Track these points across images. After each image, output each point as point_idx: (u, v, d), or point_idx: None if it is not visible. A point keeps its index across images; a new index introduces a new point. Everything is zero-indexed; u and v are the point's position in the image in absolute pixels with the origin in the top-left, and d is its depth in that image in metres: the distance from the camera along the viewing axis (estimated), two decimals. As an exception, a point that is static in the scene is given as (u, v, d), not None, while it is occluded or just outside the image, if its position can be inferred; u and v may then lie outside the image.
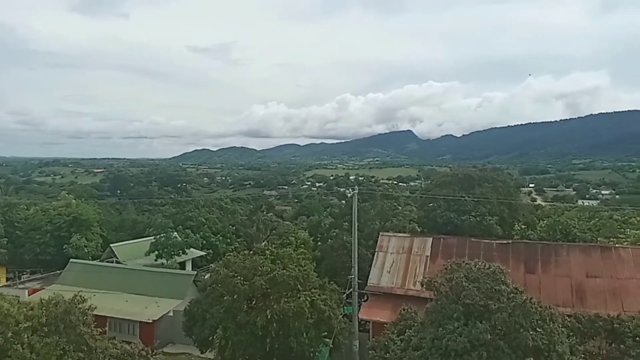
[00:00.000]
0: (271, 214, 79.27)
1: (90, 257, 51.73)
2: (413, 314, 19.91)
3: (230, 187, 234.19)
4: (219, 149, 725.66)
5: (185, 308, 26.36)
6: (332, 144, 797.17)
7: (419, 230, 36.56)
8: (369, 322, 28.99)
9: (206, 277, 31.41)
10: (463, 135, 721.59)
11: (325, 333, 24.02)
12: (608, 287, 26.80)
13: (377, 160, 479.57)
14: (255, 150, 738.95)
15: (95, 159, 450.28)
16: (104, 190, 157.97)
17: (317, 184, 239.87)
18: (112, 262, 48.19)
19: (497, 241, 31.45)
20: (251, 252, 26.72)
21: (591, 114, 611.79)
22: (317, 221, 54.18)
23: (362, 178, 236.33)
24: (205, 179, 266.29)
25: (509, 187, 39.63)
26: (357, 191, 30.63)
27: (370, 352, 19.90)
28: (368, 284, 30.43)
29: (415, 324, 18.63)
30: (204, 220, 63.00)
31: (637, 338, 18.47)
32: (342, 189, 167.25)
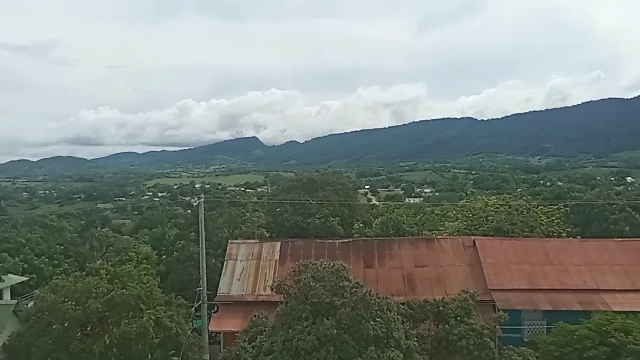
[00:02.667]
0: (107, 229, 72.67)
1: None
2: (264, 319, 20.03)
3: (56, 201, 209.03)
4: (41, 159, 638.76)
5: (4, 343, 23.07)
6: (174, 151, 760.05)
7: (267, 235, 37.10)
8: (220, 333, 28.35)
9: (29, 305, 27.74)
10: (305, 141, 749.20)
11: (173, 351, 23.00)
12: (433, 274, 30.37)
13: (223, 167, 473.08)
14: (85, 159, 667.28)
15: None
16: None
17: (160, 194, 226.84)
18: None
19: (339, 240, 33.43)
20: (84, 273, 24.57)
21: (413, 122, 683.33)
22: (161, 233, 51.33)
23: (208, 186, 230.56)
24: (24, 193, 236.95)
25: (347, 189, 42.91)
26: (203, 199, 29.90)
27: (222, 363, 19.49)
28: (218, 294, 29.74)
29: (267, 329, 18.78)
30: (24, 241, 54.97)
31: (458, 318, 20.85)
32: (187, 198, 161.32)
